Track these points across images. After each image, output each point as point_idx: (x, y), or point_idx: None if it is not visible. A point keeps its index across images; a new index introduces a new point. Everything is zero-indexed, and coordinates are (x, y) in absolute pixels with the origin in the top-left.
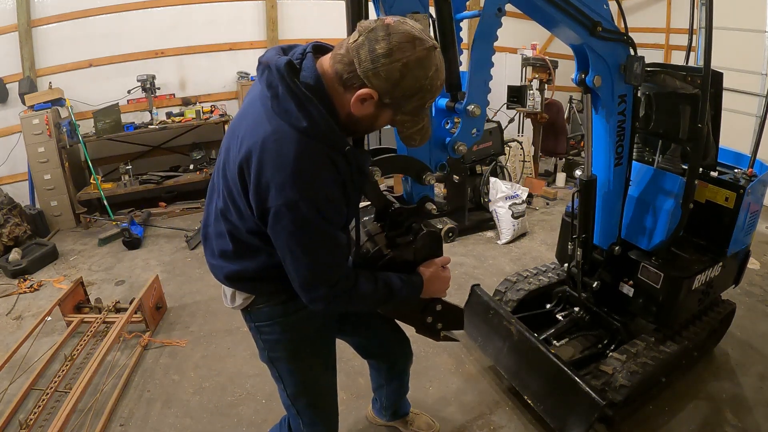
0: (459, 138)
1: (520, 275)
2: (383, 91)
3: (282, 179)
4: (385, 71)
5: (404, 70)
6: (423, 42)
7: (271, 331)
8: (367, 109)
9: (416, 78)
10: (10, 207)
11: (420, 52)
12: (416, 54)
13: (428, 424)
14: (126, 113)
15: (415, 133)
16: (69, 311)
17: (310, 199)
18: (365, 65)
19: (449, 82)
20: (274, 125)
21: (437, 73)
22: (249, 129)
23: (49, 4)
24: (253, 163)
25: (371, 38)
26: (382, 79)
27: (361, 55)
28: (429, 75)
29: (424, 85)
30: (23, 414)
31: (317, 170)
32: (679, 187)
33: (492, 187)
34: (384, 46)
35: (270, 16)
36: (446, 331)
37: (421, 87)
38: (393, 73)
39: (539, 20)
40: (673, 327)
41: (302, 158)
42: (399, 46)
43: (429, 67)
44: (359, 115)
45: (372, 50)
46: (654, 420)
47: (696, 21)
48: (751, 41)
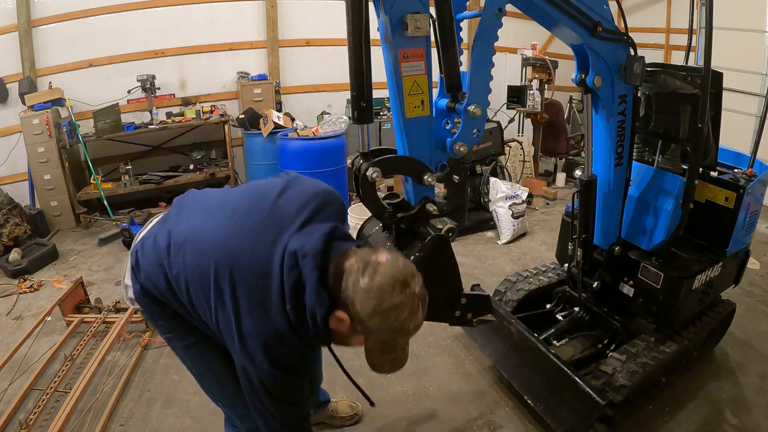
0: (459, 138)
1: (520, 275)
2: (355, 319)
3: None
4: (360, 305)
5: (377, 310)
6: (403, 288)
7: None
8: (341, 327)
9: (387, 319)
10: (10, 207)
11: (397, 298)
12: (393, 299)
13: (350, 407)
14: (126, 113)
15: (385, 362)
16: (69, 311)
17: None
18: (347, 292)
19: (449, 83)
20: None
21: (410, 318)
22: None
23: (49, 4)
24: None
25: (361, 269)
26: (357, 310)
27: (348, 282)
28: (401, 319)
29: (394, 327)
30: (23, 414)
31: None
32: (679, 187)
33: (492, 187)
34: (367, 282)
35: (270, 16)
36: (477, 317)
37: (391, 328)
38: (366, 309)
39: (539, 20)
40: (673, 327)
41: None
42: (379, 287)
43: (401, 312)
44: (334, 329)
45: (356, 281)
46: (654, 420)
47: (696, 21)
48: (751, 41)
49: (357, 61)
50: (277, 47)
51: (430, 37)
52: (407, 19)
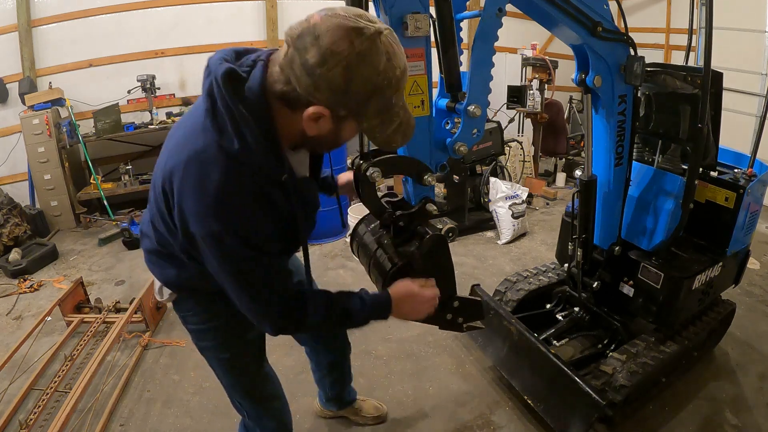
0: (459, 138)
1: (520, 275)
2: (333, 103)
3: (203, 209)
4: (326, 81)
5: (347, 74)
6: (361, 32)
7: (197, 320)
8: (323, 126)
9: (365, 78)
10: (10, 207)
11: (360, 46)
12: (356, 50)
13: (376, 408)
14: (126, 113)
15: (393, 133)
16: (69, 311)
17: (233, 232)
18: (303, 81)
19: (449, 83)
20: (202, 142)
21: (390, 62)
22: (179, 141)
23: (49, 4)
24: (175, 185)
25: (300, 47)
26: (326, 90)
27: (295, 71)
28: (380, 69)
29: (378, 83)
30: (23, 414)
31: (244, 203)
32: (679, 187)
33: (492, 187)
34: (315, 53)
35: (270, 16)
36: (468, 323)
37: (375, 85)
38: (335, 80)
39: (539, 20)
40: (673, 327)
41: (227, 188)
42: (332, 48)
43: (377, 60)
44: (317, 135)
45: (304, 62)
46: (654, 420)
47: (696, 21)
48: (751, 41)
49: None
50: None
51: (430, 37)
52: (407, 19)
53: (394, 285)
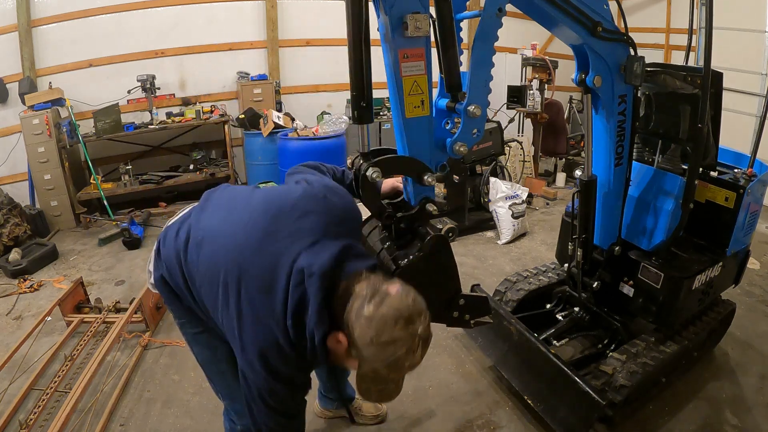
0: (459, 138)
1: (520, 275)
2: (352, 344)
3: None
4: (359, 332)
5: (374, 341)
6: (406, 325)
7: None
8: (339, 348)
9: (382, 352)
10: (10, 207)
11: (398, 333)
12: (393, 334)
13: (375, 407)
14: (126, 113)
15: (374, 391)
16: (69, 311)
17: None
18: (350, 316)
19: (449, 83)
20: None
21: (407, 356)
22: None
23: (49, 4)
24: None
25: (368, 296)
26: (355, 336)
27: (354, 306)
28: (397, 355)
29: (388, 361)
30: (23, 414)
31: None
32: (679, 187)
33: (492, 187)
34: (371, 310)
35: (270, 16)
36: (475, 319)
37: (385, 361)
38: (364, 337)
39: (539, 20)
40: (673, 327)
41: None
42: (381, 319)
43: (398, 348)
44: (332, 349)
45: (360, 307)
46: (654, 420)
47: (696, 21)
48: (751, 41)
49: (357, 61)
50: (277, 47)
51: (430, 37)
52: (407, 19)
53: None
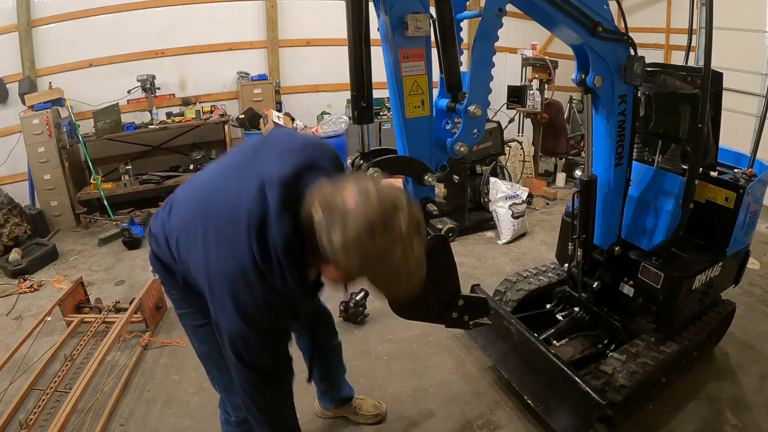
0: (460, 139)
1: (520, 275)
2: (349, 273)
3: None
4: (345, 263)
5: (363, 264)
6: (385, 230)
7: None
8: (337, 279)
9: (380, 266)
10: (10, 207)
11: (381, 245)
12: (376, 248)
13: (375, 406)
14: (126, 113)
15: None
16: (69, 311)
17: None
18: (327, 248)
19: (450, 83)
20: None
21: (406, 261)
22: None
23: (49, 4)
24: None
25: (329, 223)
26: (343, 266)
27: (323, 237)
28: (393, 266)
29: (391, 272)
30: (23, 414)
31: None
32: (679, 187)
33: (492, 187)
34: (340, 239)
35: (270, 16)
36: (474, 320)
37: (387, 274)
38: (352, 265)
39: (540, 20)
40: (673, 327)
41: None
42: (356, 241)
43: (393, 260)
44: (330, 279)
45: (330, 240)
46: (654, 420)
47: (696, 21)
48: (751, 41)
49: (357, 61)
50: (277, 47)
51: (430, 37)
52: (407, 19)
53: None
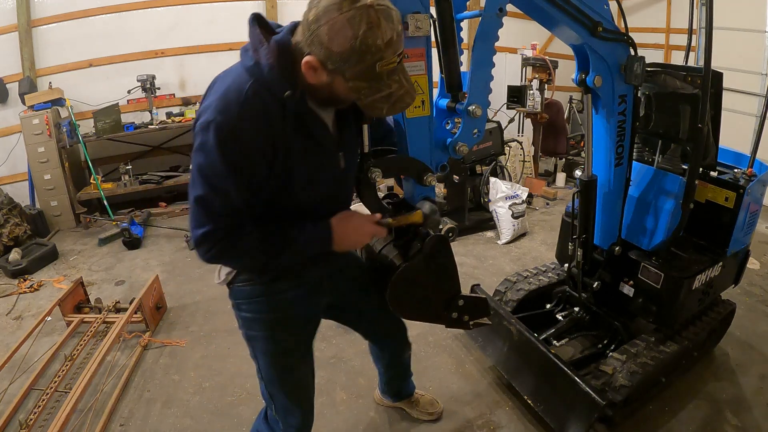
0: (460, 139)
1: (520, 275)
2: (321, 56)
3: (211, 102)
4: (317, 36)
5: (330, 33)
6: (352, 2)
7: (249, 309)
8: (319, 77)
9: (345, 38)
10: (10, 207)
11: (347, 13)
12: (342, 15)
13: (431, 404)
14: (126, 113)
15: (378, 101)
16: (69, 311)
17: (221, 126)
18: (304, 34)
19: (450, 83)
20: (233, 67)
21: (371, 31)
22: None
23: (49, 4)
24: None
25: (309, 7)
26: (317, 44)
27: (303, 24)
28: (358, 34)
29: (355, 46)
30: (23, 414)
31: (242, 104)
32: (680, 187)
33: (492, 187)
34: (314, 13)
35: (270, 16)
36: (474, 320)
37: (352, 48)
38: (322, 37)
39: (540, 20)
40: (674, 327)
41: (233, 87)
42: (325, 10)
43: (357, 27)
44: (315, 84)
45: (306, 19)
46: (654, 420)
47: (695, 21)
48: (751, 41)
49: None
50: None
51: (430, 37)
52: (408, 18)
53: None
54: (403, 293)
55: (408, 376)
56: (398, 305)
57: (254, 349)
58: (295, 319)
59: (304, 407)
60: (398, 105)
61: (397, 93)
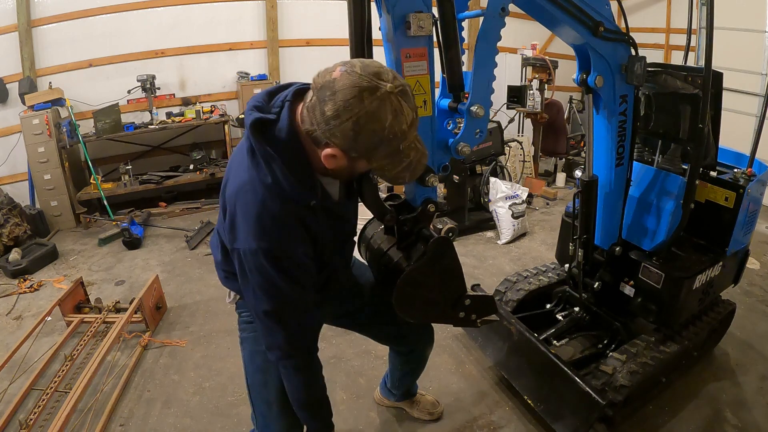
0: (462, 139)
1: (520, 275)
2: (346, 148)
3: (246, 228)
4: (340, 132)
5: (357, 128)
6: (373, 92)
7: (249, 312)
8: (339, 163)
9: (373, 132)
10: (10, 207)
11: (370, 106)
12: (366, 108)
13: (433, 404)
14: (126, 113)
15: (401, 172)
16: (69, 311)
17: (267, 251)
18: (322, 127)
19: (452, 83)
20: (247, 176)
21: (396, 119)
22: (235, 170)
23: (49, 4)
24: (229, 207)
25: (321, 98)
26: (340, 138)
27: (316, 117)
28: (386, 125)
29: (384, 136)
30: (23, 414)
31: (280, 228)
32: (680, 187)
33: (492, 187)
34: (331, 107)
35: (270, 16)
36: (481, 318)
37: (381, 138)
38: (347, 132)
39: (542, 20)
40: (674, 327)
41: (265, 214)
42: (345, 105)
43: (384, 118)
44: (334, 168)
45: (323, 112)
46: (654, 420)
47: (695, 21)
48: (751, 41)
49: None
50: (277, 47)
51: (432, 36)
52: (410, 18)
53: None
54: (409, 297)
55: (419, 374)
56: (405, 308)
57: (245, 352)
58: None
59: (287, 420)
60: (417, 170)
61: (414, 159)
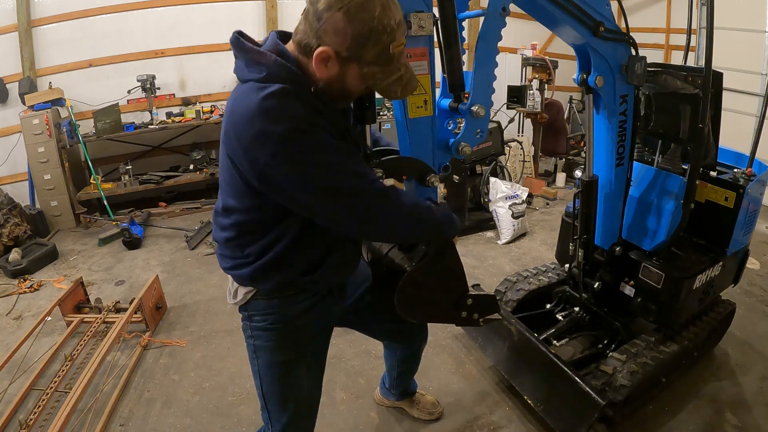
0: (463, 139)
1: (520, 275)
2: (336, 45)
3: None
4: (330, 24)
5: (347, 18)
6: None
7: (263, 319)
8: (331, 69)
9: (362, 21)
10: (10, 207)
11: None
12: (355, 1)
13: (433, 404)
14: (126, 113)
15: (393, 84)
16: (69, 311)
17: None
18: (314, 25)
19: (452, 83)
20: (237, 91)
21: (385, 12)
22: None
23: (49, 4)
24: (235, 134)
25: (314, 1)
26: (330, 32)
27: (310, 19)
28: (375, 15)
29: (373, 27)
30: (23, 414)
31: (288, 102)
32: (680, 187)
33: (492, 187)
34: (324, 2)
35: (270, 16)
36: (484, 317)
37: (370, 29)
38: (337, 23)
39: (542, 20)
40: (674, 327)
41: (267, 101)
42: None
43: (373, 9)
44: (327, 79)
45: (315, 9)
46: (654, 420)
47: (695, 21)
48: (751, 41)
49: None
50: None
51: (433, 36)
52: (411, 17)
53: None
54: (411, 297)
55: (415, 372)
56: (407, 309)
57: (258, 361)
58: (306, 328)
59: (304, 427)
60: (408, 87)
61: (405, 76)
